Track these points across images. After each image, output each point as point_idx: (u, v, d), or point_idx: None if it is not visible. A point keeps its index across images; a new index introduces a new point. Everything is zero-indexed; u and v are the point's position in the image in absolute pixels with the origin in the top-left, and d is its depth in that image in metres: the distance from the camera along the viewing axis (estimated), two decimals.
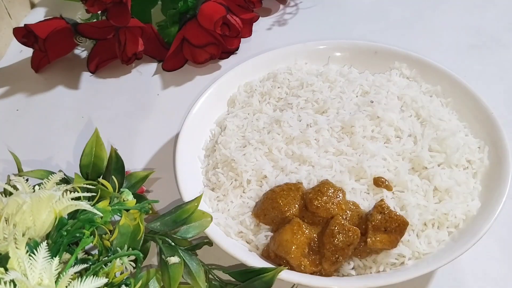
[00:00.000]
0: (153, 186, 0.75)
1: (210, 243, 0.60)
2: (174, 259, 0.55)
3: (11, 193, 0.53)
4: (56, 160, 0.80)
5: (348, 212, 0.60)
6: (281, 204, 0.61)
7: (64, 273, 0.44)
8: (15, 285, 0.41)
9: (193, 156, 0.72)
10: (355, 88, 0.76)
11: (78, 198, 0.51)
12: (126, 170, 0.65)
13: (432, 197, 0.63)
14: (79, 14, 1.04)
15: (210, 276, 0.58)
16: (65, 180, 0.62)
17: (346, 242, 0.57)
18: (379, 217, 0.59)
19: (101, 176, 0.65)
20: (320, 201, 0.60)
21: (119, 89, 0.93)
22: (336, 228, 0.58)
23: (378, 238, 0.58)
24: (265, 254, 0.61)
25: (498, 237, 0.66)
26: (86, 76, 0.96)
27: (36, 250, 0.44)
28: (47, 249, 0.44)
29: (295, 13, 1.08)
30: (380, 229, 0.58)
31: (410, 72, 0.80)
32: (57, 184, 0.55)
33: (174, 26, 0.97)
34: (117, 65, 0.95)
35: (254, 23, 0.98)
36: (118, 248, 0.53)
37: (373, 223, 0.59)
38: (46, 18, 1.03)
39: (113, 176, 0.61)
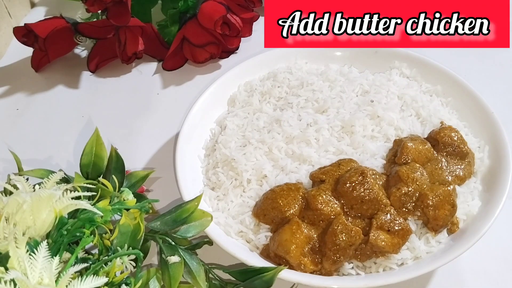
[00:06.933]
0: (153, 185, 0.75)
1: (210, 242, 0.60)
2: (174, 259, 0.55)
3: (11, 193, 0.53)
4: (56, 160, 0.80)
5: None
6: (281, 204, 0.61)
7: (64, 272, 0.44)
8: (15, 284, 0.41)
9: (193, 156, 0.72)
10: (355, 88, 0.76)
11: (78, 198, 0.51)
12: (126, 169, 0.65)
13: None
14: (79, 14, 1.04)
15: (210, 275, 0.58)
16: (65, 180, 0.62)
17: (348, 242, 0.57)
18: (383, 217, 0.59)
19: (101, 176, 0.65)
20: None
21: (119, 88, 0.93)
22: (339, 227, 0.58)
23: (380, 236, 0.58)
24: (265, 254, 0.61)
25: (498, 237, 0.66)
26: (86, 75, 0.96)
27: (36, 250, 0.44)
28: (47, 249, 0.44)
29: None
30: (383, 229, 0.58)
31: (410, 71, 0.80)
32: (57, 183, 0.55)
33: (174, 25, 0.96)
34: (117, 65, 0.95)
35: (254, 23, 0.98)
36: (118, 248, 0.53)
37: (378, 223, 0.59)
38: (46, 17, 1.04)
39: (113, 176, 0.61)
